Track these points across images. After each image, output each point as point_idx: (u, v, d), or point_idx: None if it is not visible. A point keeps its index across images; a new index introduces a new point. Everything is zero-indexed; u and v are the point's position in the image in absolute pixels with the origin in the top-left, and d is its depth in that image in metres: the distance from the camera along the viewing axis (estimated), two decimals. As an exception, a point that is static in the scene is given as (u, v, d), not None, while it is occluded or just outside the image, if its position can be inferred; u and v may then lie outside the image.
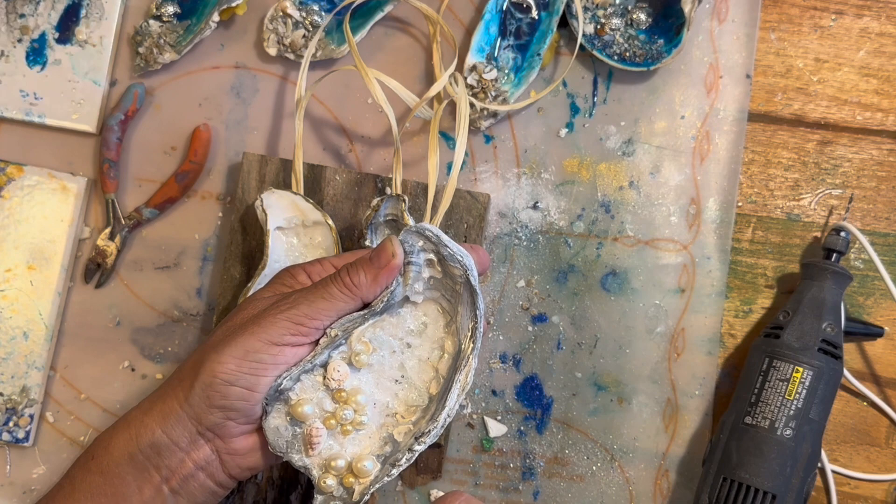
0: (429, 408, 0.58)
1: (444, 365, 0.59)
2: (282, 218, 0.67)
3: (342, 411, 0.57)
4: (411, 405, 0.58)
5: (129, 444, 0.55)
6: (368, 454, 0.57)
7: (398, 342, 0.59)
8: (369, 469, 0.56)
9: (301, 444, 0.57)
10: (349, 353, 0.58)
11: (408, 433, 0.57)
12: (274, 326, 0.55)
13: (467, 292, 0.58)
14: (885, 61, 0.73)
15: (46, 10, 0.73)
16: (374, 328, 0.58)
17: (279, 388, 0.55)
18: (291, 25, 0.72)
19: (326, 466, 0.56)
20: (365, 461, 0.56)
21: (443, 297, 0.59)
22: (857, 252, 0.72)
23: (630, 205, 0.72)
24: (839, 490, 0.71)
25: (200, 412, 0.55)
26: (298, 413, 0.56)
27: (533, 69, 0.71)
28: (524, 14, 0.72)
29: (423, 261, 0.58)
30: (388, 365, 0.59)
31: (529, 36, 0.72)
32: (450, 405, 0.56)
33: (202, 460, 0.55)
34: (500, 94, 0.71)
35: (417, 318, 0.59)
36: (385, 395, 0.58)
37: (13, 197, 0.72)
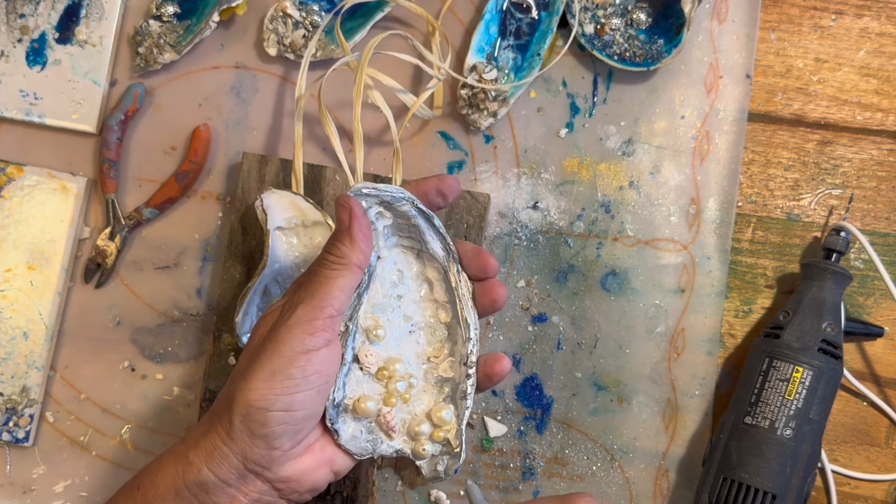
0: (452, 334, 0.60)
1: (438, 292, 0.61)
2: (282, 218, 0.67)
3: (394, 384, 0.59)
4: (436, 342, 0.61)
5: (175, 479, 0.53)
6: (437, 403, 0.59)
7: (391, 299, 0.60)
8: (448, 416, 0.58)
9: (381, 435, 0.58)
10: (366, 335, 0.59)
11: (452, 364, 0.60)
12: (290, 335, 0.53)
13: (423, 219, 0.59)
14: (885, 61, 0.73)
15: (46, 10, 0.73)
16: (368, 302, 0.59)
17: (334, 403, 0.56)
18: (291, 25, 0.72)
19: (414, 436, 0.59)
20: (440, 412, 0.58)
21: (400, 237, 0.61)
22: (857, 252, 0.72)
23: (630, 205, 0.72)
24: (839, 490, 0.71)
25: (245, 447, 0.52)
26: (363, 410, 0.57)
27: (533, 69, 0.71)
28: (524, 14, 0.72)
29: (374, 215, 0.58)
30: (396, 323, 0.60)
31: (529, 36, 0.72)
32: (471, 319, 0.59)
33: (255, 493, 0.53)
34: (500, 94, 0.71)
35: (391, 269, 0.61)
36: (412, 349, 0.60)
37: (13, 197, 0.72)
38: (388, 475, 0.70)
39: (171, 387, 0.72)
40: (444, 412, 0.59)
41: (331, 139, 0.67)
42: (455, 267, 0.60)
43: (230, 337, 0.69)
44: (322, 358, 0.53)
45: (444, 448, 0.59)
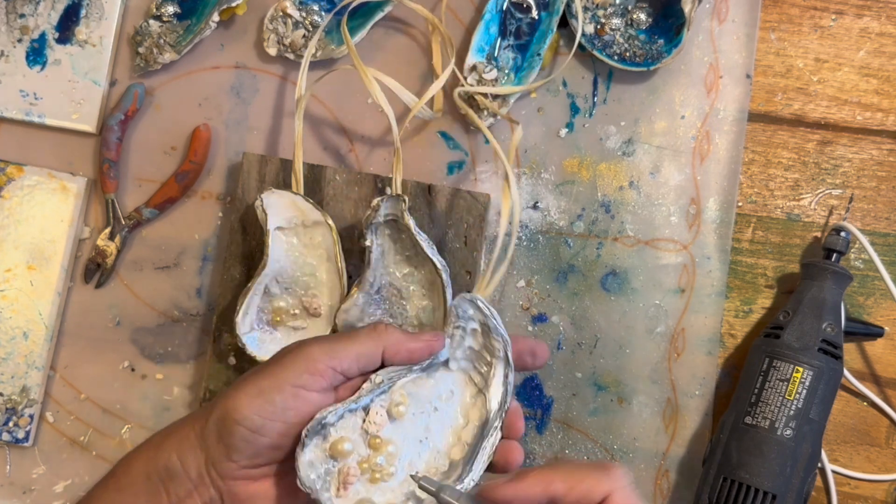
0: (450, 472, 0.58)
1: (467, 433, 0.59)
2: (282, 218, 0.67)
3: (376, 458, 0.57)
4: (432, 466, 0.59)
5: (147, 463, 0.54)
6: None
7: (427, 404, 0.59)
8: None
9: (332, 483, 0.56)
10: (389, 403, 0.58)
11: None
12: (293, 364, 0.54)
13: (502, 366, 0.59)
14: (885, 61, 0.73)
15: (46, 10, 0.73)
16: (412, 384, 0.59)
17: (323, 420, 0.54)
18: (291, 25, 0.72)
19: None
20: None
21: (475, 368, 0.60)
22: (857, 252, 0.72)
23: (630, 205, 0.72)
24: (839, 490, 0.71)
25: (210, 445, 0.53)
26: (339, 450, 0.56)
27: (533, 69, 0.71)
28: (524, 14, 0.72)
29: (469, 329, 0.60)
30: (415, 424, 0.59)
31: (529, 36, 0.72)
32: (475, 470, 0.57)
33: (207, 498, 0.54)
34: (500, 96, 0.71)
35: (448, 384, 0.60)
36: (410, 453, 0.58)
37: (13, 197, 0.72)
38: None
39: (171, 387, 0.72)
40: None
41: (372, 91, 0.66)
42: (498, 423, 0.58)
43: (230, 337, 0.69)
44: (309, 400, 0.54)
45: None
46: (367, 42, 0.73)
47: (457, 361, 0.60)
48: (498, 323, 0.59)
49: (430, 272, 0.67)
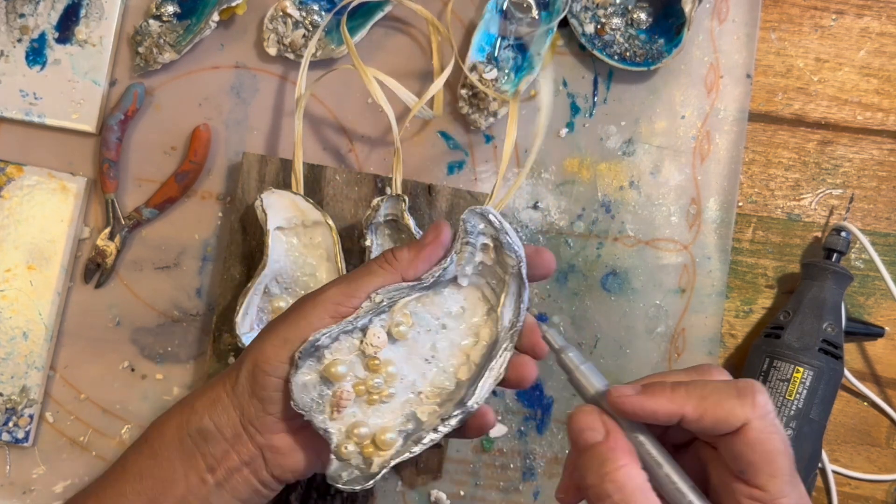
0: (455, 392, 0.57)
1: (476, 352, 0.57)
2: (282, 218, 0.67)
3: (373, 380, 0.56)
4: (437, 387, 0.57)
5: (179, 428, 0.54)
6: (392, 427, 0.56)
7: (435, 321, 0.58)
8: (392, 441, 0.55)
9: (326, 406, 0.55)
10: (389, 323, 0.56)
11: (432, 413, 0.56)
12: (314, 311, 0.53)
13: (515, 284, 0.56)
14: (885, 61, 0.73)
15: (46, 9, 0.73)
16: (416, 302, 0.57)
17: (316, 343, 0.53)
18: (291, 25, 0.72)
19: (349, 433, 0.55)
20: (389, 433, 0.55)
21: (487, 284, 0.58)
22: (857, 252, 0.72)
23: (630, 205, 0.72)
24: (840, 490, 0.71)
25: (244, 402, 0.53)
26: (332, 373, 0.54)
27: (533, 69, 0.71)
28: (524, 14, 0.72)
29: (479, 244, 0.57)
30: (421, 343, 0.57)
31: (531, 35, 0.72)
32: (480, 393, 0.55)
33: (246, 455, 0.54)
34: (501, 94, 0.71)
35: (458, 301, 0.58)
36: (413, 373, 0.57)
37: (13, 197, 0.72)
38: (388, 475, 0.70)
39: (171, 387, 0.72)
40: (391, 435, 0.55)
41: (372, 91, 0.66)
42: (508, 344, 0.56)
43: (230, 337, 0.69)
44: None
45: (363, 465, 0.55)
46: (367, 42, 0.73)
47: (467, 277, 0.58)
48: (512, 238, 0.56)
49: (431, 272, 0.67)
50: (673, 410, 0.43)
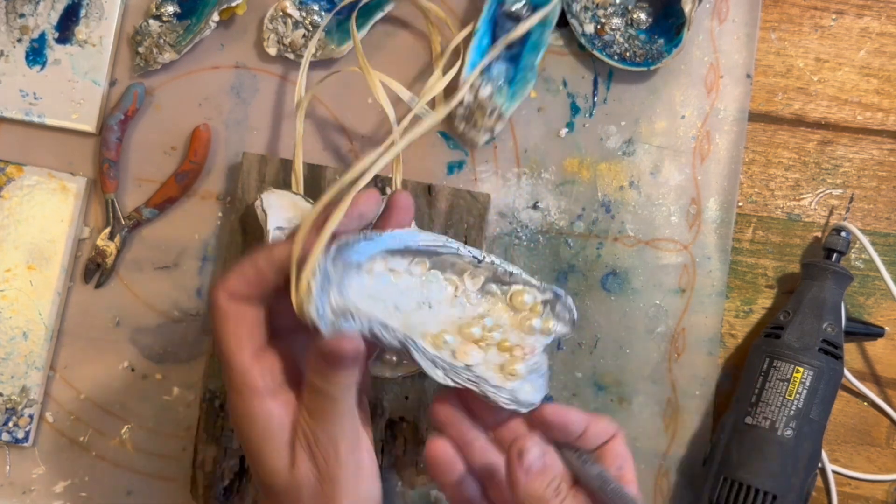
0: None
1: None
2: (282, 218, 0.67)
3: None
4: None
5: None
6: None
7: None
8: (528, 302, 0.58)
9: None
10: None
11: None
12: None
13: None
14: (885, 61, 0.73)
15: (46, 9, 0.73)
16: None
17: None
18: (291, 25, 0.72)
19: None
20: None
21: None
22: (857, 252, 0.72)
23: (630, 205, 0.72)
24: (840, 490, 0.71)
25: None
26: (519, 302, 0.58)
27: (528, 83, 0.70)
28: (514, 24, 0.71)
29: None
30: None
31: (521, 47, 0.71)
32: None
33: None
34: (496, 109, 0.70)
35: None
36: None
37: (13, 197, 0.72)
38: (389, 475, 0.70)
39: (170, 387, 0.72)
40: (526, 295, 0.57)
41: (375, 92, 0.66)
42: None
43: (230, 337, 0.69)
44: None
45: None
46: (367, 42, 0.73)
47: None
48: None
49: (431, 272, 0.67)
50: (585, 419, 0.54)
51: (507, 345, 0.56)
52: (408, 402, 0.69)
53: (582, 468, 0.53)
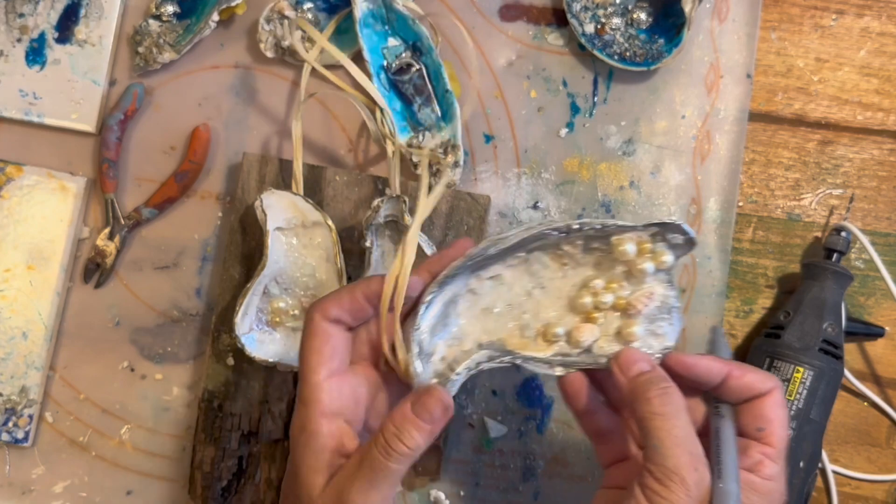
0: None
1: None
2: (281, 218, 0.67)
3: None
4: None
5: None
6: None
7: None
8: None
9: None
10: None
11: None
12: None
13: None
14: (885, 61, 0.73)
15: (46, 9, 0.73)
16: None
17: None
18: (288, 26, 0.71)
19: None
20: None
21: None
22: (857, 252, 0.72)
23: (630, 205, 0.72)
24: (840, 490, 0.71)
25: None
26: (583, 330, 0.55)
27: (454, 105, 0.70)
28: (408, 72, 0.71)
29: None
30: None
31: (428, 82, 0.71)
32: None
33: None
34: (446, 145, 0.70)
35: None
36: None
37: (12, 197, 0.72)
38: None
39: (170, 387, 0.72)
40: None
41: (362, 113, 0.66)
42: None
43: (229, 337, 0.69)
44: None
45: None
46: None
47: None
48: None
49: (430, 272, 0.67)
50: (722, 370, 0.52)
51: (622, 303, 0.55)
52: (408, 403, 0.69)
53: (712, 419, 0.52)
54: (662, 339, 0.54)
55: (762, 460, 0.51)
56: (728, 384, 0.52)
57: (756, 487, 0.51)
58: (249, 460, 0.69)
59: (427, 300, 0.52)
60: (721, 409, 0.53)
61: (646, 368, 0.52)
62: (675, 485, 0.48)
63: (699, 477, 0.48)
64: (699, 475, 0.48)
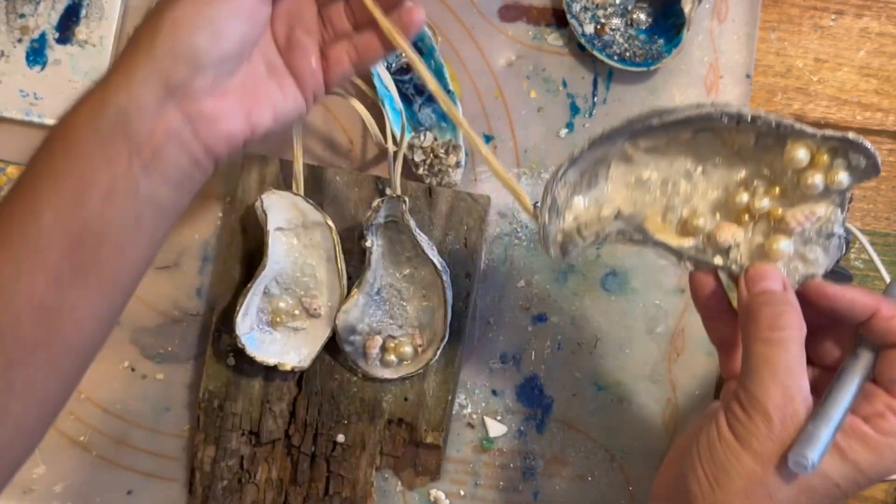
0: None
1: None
2: (282, 219, 0.67)
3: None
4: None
5: (93, 117, 0.48)
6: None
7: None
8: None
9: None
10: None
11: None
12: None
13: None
14: (885, 61, 0.73)
15: (46, 10, 0.73)
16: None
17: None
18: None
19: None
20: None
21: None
22: (857, 252, 0.72)
23: (630, 205, 0.72)
24: (839, 490, 0.71)
25: (167, 66, 0.48)
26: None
27: (455, 104, 0.70)
28: (409, 73, 0.71)
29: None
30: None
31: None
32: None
33: (173, 128, 0.48)
34: (447, 145, 0.70)
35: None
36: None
37: (13, 197, 0.72)
38: (388, 476, 0.70)
39: (171, 387, 0.72)
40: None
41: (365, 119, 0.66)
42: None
43: (230, 337, 0.69)
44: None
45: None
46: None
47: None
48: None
49: (431, 273, 0.67)
50: (870, 304, 0.47)
51: (778, 213, 0.51)
52: (407, 403, 0.69)
53: (846, 358, 0.48)
54: (810, 266, 0.51)
55: (884, 413, 0.46)
56: (873, 323, 0.47)
57: (867, 440, 0.46)
58: (250, 460, 0.69)
59: (574, 156, 0.50)
60: (860, 349, 0.48)
61: (774, 288, 0.49)
62: (758, 416, 0.45)
63: (788, 415, 0.45)
64: (789, 413, 0.45)
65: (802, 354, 0.47)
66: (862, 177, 0.50)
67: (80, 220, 0.48)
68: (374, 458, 0.69)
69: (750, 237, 0.52)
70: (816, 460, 0.44)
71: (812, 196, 0.50)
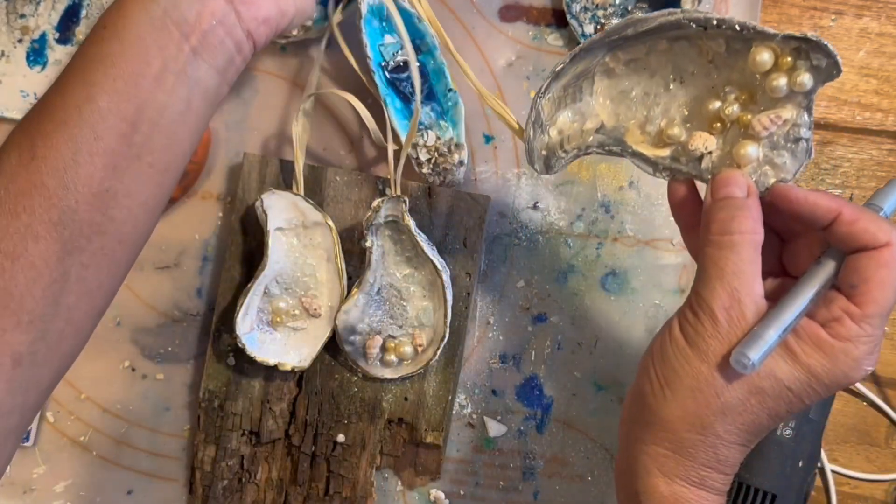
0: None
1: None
2: (282, 219, 0.67)
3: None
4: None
5: (144, 5, 0.50)
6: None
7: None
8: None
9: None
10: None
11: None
12: None
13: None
14: (884, 61, 0.73)
15: (47, 10, 0.73)
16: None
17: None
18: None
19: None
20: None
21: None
22: (856, 252, 0.72)
23: (630, 205, 0.72)
24: (839, 490, 0.71)
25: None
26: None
27: (458, 104, 0.70)
28: (406, 70, 0.70)
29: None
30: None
31: (427, 83, 0.71)
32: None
33: (218, 13, 0.51)
34: (450, 143, 0.70)
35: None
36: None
37: (13, 197, 0.72)
38: (388, 475, 0.70)
39: (171, 386, 0.72)
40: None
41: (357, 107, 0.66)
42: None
43: (230, 337, 0.69)
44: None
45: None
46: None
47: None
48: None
49: (431, 273, 0.67)
50: (833, 207, 0.46)
51: (746, 119, 0.51)
52: (407, 403, 0.69)
53: (810, 265, 0.47)
54: (779, 171, 0.50)
55: (841, 317, 0.45)
56: (835, 227, 0.47)
57: (822, 345, 0.45)
58: (250, 460, 0.69)
59: (556, 70, 0.50)
60: (825, 257, 0.47)
61: (736, 194, 0.49)
62: (705, 317, 0.46)
63: (735, 316, 0.45)
64: (735, 314, 0.45)
65: (756, 259, 0.46)
66: (825, 78, 0.49)
67: (135, 104, 0.49)
68: (374, 458, 0.69)
69: (723, 145, 0.52)
70: (757, 360, 0.44)
71: (778, 99, 0.51)
